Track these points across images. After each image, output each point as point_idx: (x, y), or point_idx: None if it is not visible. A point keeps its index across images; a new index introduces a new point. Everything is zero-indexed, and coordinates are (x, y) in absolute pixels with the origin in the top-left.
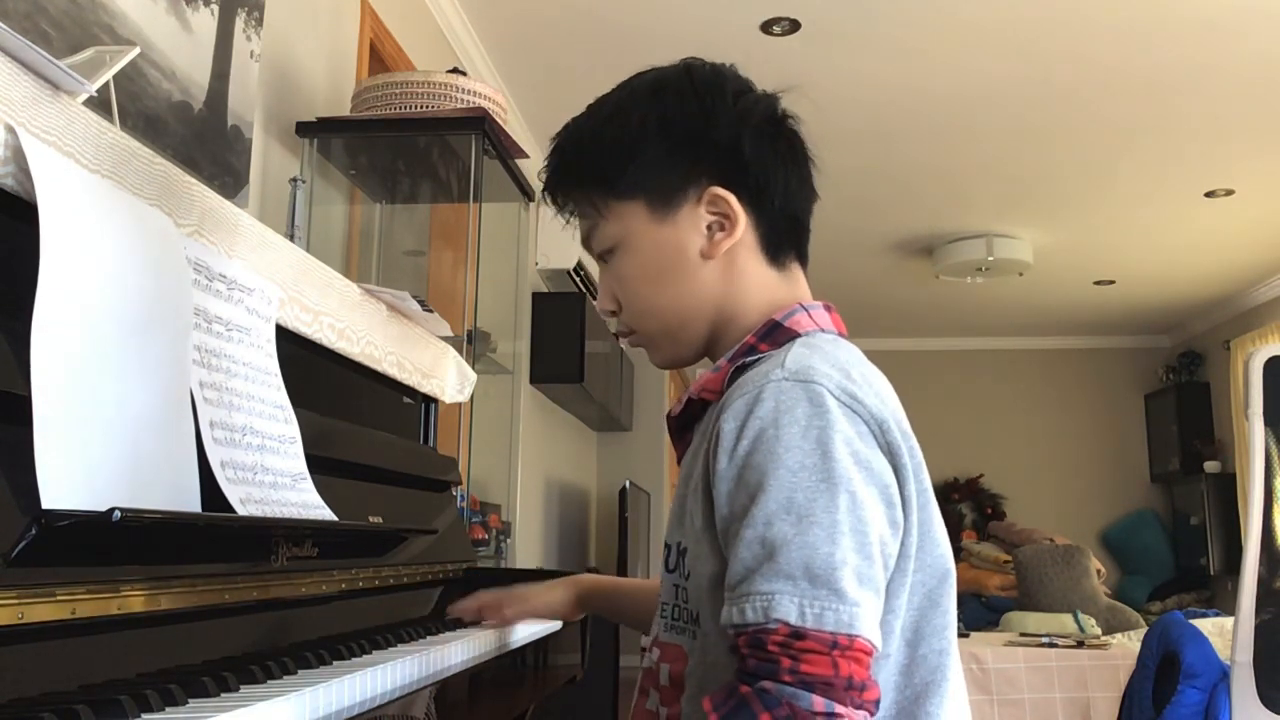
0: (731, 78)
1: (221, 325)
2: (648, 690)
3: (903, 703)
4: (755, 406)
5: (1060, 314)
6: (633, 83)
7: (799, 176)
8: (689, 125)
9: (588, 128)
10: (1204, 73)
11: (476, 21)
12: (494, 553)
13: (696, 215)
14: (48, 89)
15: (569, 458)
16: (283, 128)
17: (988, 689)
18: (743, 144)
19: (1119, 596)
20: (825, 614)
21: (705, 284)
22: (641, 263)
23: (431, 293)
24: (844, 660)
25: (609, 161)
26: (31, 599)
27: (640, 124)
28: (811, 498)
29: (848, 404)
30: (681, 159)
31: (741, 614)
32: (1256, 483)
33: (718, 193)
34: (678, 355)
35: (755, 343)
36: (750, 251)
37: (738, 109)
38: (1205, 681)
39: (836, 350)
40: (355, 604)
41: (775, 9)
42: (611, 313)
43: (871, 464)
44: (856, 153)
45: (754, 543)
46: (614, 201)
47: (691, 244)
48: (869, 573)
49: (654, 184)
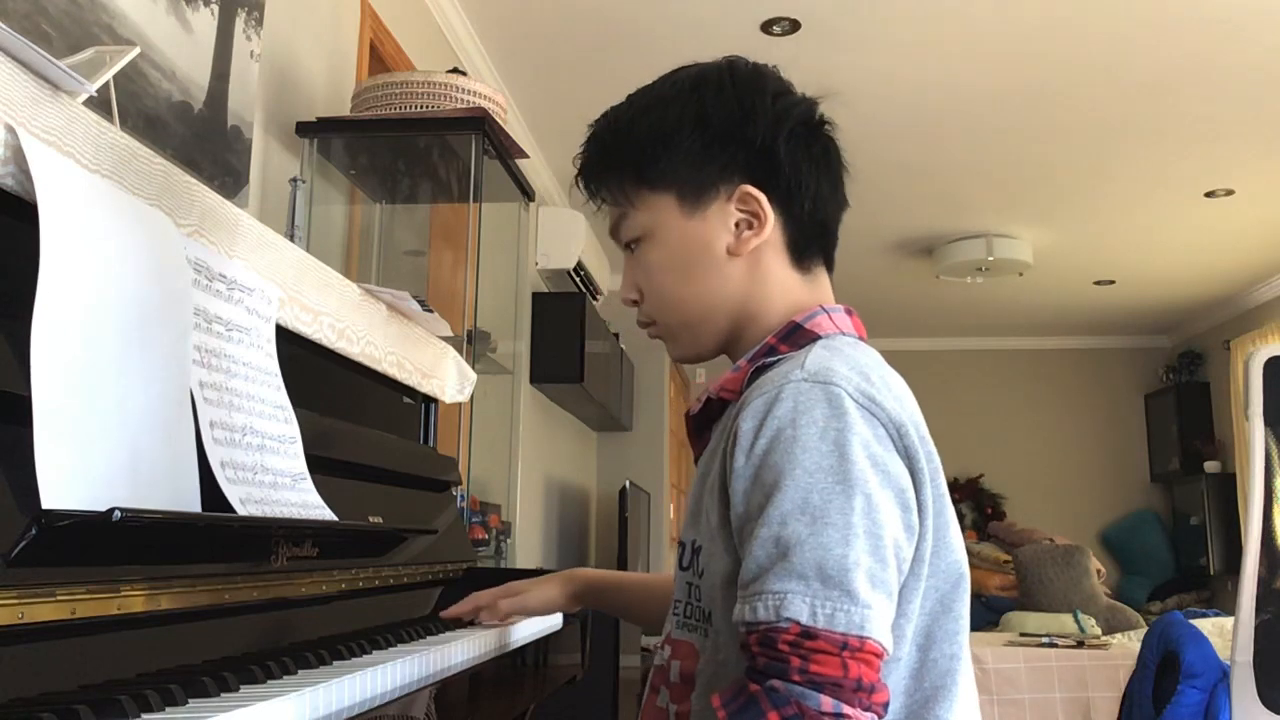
0: (773, 78)
1: (221, 325)
2: (658, 687)
3: (912, 706)
4: (774, 406)
5: (1060, 314)
6: (675, 75)
7: (830, 183)
8: (726, 122)
9: (626, 117)
10: (1204, 73)
11: (476, 21)
12: (494, 553)
13: (726, 212)
14: (48, 89)
15: (569, 458)
16: (283, 128)
17: (988, 689)
18: (778, 145)
19: (1119, 596)
20: (837, 615)
21: (729, 281)
22: (668, 254)
23: (431, 293)
24: (854, 662)
25: (644, 152)
26: (31, 599)
27: (678, 117)
28: (827, 499)
29: (866, 407)
30: (716, 155)
31: (753, 612)
32: (1256, 483)
33: (749, 191)
34: (697, 349)
35: (776, 343)
36: (776, 252)
37: (776, 110)
38: (1205, 681)
39: (856, 353)
40: (355, 604)
41: (775, 9)
42: (634, 302)
43: (888, 467)
44: (856, 152)
45: (768, 541)
46: (645, 192)
47: (719, 240)
48: (882, 575)
49: (686, 177)
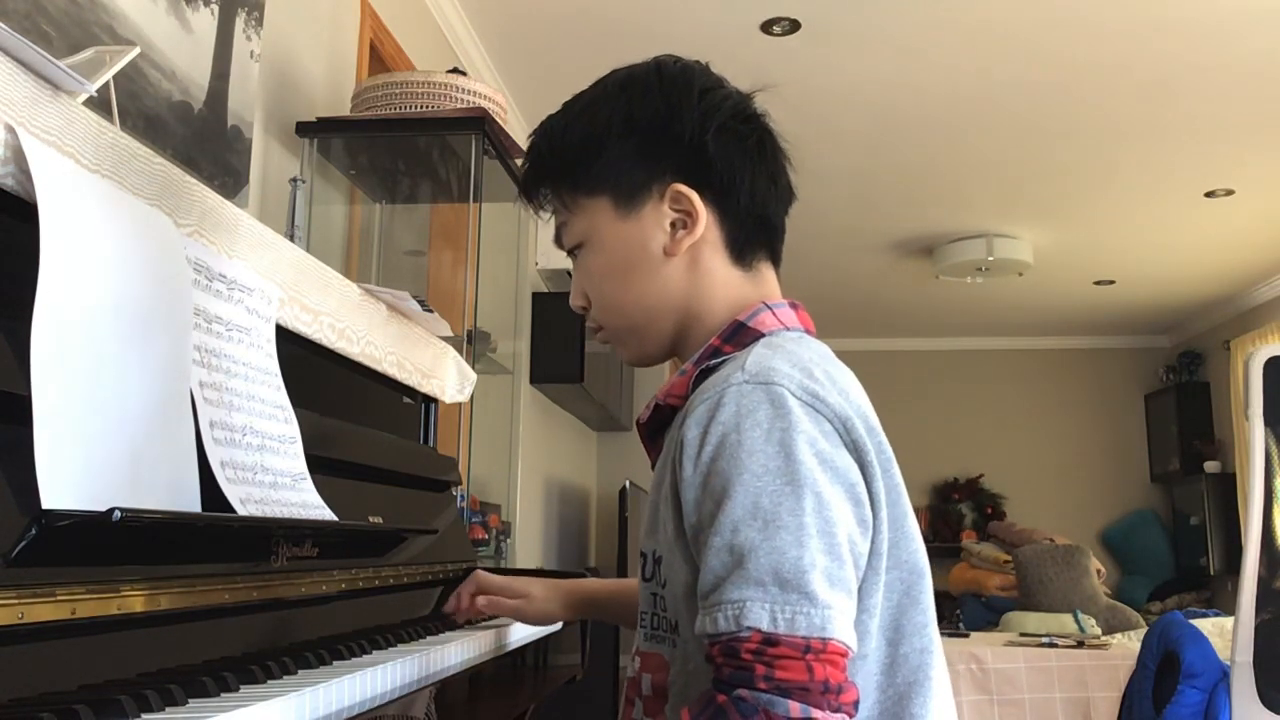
0: (700, 75)
1: (221, 325)
2: (633, 699)
3: (885, 703)
4: (717, 412)
5: (1060, 314)
6: (605, 79)
7: (768, 176)
8: (653, 121)
9: (560, 125)
10: (1204, 73)
11: (476, 21)
12: (494, 553)
13: (660, 212)
14: (48, 89)
15: (569, 458)
16: (283, 128)
17: (988, 689)
18: (707, 141)
19: (1119, 596)
20: (797, 618)
21: (669, 281)
22: (607, 259)
23: (431, 293)
24: (819, 664)
25: (576, 158)
26: (31, 599)
27: (607, 120)
28: (777, 501)
29: (810, 404)
30: (645, 156)
31: (714, 623)
32: (1256, 483)
33: (680, 189)
34: (644, 352)
35: (720, 344)
36: (715, 250)
37: (703, 106)
38: (1205, 681)
39: (799, 349)
40: (355, 604)
41: (775, 9)
42: (582, 308)
43: (836, 463)
44: (856, 153)
45: (722, 550)
46: (582, 197)
47: (655, 241)
48: (839, 574)
49: (619, 180)
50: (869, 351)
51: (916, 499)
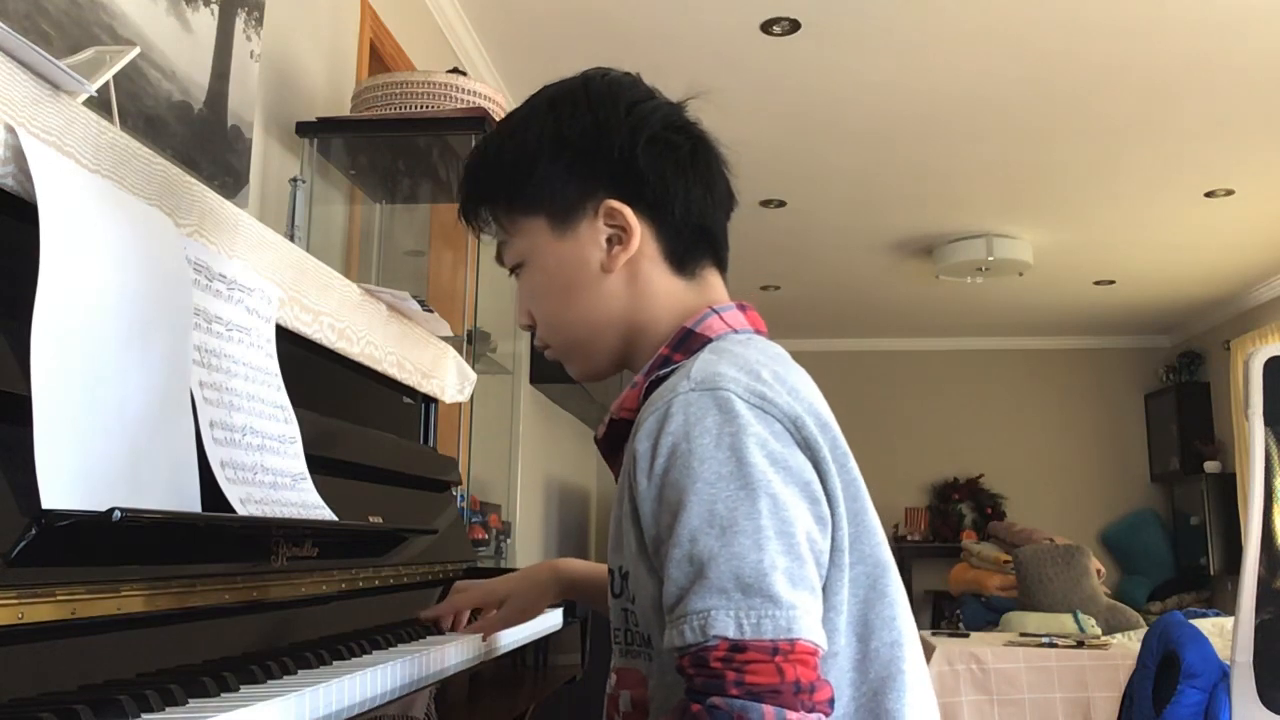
0: (628, 87)
1: (221, 325)
2: (613, 717)
3: (860, 699)
4: (666, 423)
5: (1060, 314)
6: (534, 98)
7: (704, 184)
8: (582, 138)
9: (493, 146)
10: (1204, 73)
11: (476, 21)
12: (494, 553)
13: (595, 229)
14: (48, 89)
15: (569, 458)
16: (283, 128)
17: (988, 689)
18: (637, 154)
19: (1119, 596)
20: (763, 622)
21: (610, 298)
22: (547, 278)
23: (431, 293)
24: (788, 665)
25: (510, 178)
26: (31, 599)
27: (537, 139)
28: (732, 506)
29: (758, 406)
30: (577, 173)
31: (681, 636)
32: (1256, 483)
33: (612, 205)
34: (592, 368)
35: (669, 353)
36: (653, 263)
37: (631, 119)
38: (1205, 681)
39: (746, 351)
40: (355, 604)
41: (775, 9)
42: (528, 326)
43: (789, 463)
44: (856, 153)
45: (683, 561)
46: (518, 217)
47: (592, 258)
48: (801, 573)
49: (553, 199)
50: (869, 351)
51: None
